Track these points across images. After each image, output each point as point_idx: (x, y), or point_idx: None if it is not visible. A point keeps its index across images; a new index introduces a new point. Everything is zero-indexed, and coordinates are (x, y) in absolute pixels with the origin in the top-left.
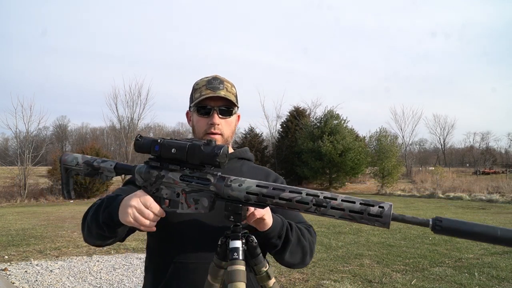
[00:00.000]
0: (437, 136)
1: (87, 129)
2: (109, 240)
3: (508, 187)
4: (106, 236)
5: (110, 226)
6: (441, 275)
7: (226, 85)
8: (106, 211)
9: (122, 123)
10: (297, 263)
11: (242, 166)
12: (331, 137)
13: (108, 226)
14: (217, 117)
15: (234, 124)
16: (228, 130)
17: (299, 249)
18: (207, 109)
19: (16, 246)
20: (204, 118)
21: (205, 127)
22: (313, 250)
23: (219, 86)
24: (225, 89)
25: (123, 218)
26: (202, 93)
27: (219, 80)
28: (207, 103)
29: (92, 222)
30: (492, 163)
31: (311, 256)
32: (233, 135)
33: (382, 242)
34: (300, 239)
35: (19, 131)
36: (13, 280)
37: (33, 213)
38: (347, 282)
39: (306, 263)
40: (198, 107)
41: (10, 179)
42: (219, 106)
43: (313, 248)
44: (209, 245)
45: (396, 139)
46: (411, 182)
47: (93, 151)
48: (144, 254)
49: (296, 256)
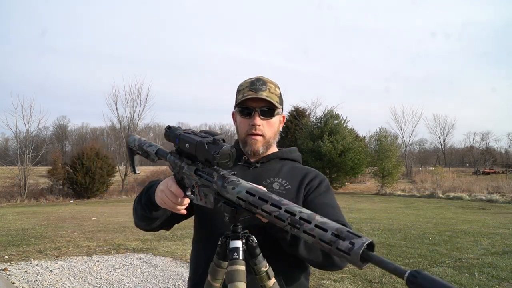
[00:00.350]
0: (437, 136)
1: (87, 129)
2: (154, 223)
3: (508, 187)
4: (148, 217)
5: (150, 208)
6: (441, 275)
7: (269, 86)
8: (147, 194)
9: (122, 123)
10: (321, 261)
11: (283, 166)
12: (331, 137)
13: (148, 207)
14: (258, 118)
15: (277, 125)
16: (269, 131)
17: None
18: (248, 110)
19: (16, 246)
20: (246, 119)
21: (247, 128)
22: None
23: (261, 87)
24: (267, 90)
25: (156, 200)
26: (244, 94)
27: (262, 81)
28: (248, 104)
29: (138, 204)
30: (492, 163)
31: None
32: (276, 136)
33: (382, 242)
34: None
35: (19, 131)
36: (13, 280)
37: (33, 213)
38: (347, 282)
39: (335, 262)
40: (240, 108)
41: (10, 179)
42: (260, 107)
43: None
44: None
45: (396, 139)
46: (411, 182)
47: (93, 151)
48: (144, 254)
49: (316, 253)
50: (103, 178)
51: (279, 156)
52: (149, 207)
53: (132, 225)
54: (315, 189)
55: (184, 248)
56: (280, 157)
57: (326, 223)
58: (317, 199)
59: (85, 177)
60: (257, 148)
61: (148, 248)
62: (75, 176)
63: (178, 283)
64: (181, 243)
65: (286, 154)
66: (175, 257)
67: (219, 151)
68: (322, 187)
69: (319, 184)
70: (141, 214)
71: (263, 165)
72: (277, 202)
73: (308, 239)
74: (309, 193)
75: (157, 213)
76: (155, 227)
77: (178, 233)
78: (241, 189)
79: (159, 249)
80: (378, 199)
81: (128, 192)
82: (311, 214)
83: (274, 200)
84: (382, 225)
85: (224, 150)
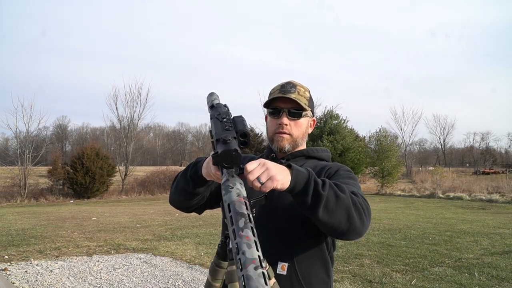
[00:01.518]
0: (437, 136)
1: (87, 129)
2: (193, 200)
3: (508, 187)
4: (190, 192)
5: (194, 181)
6: (441, 275)
7: (299, 89)
8: (194, 167)
9: (122, 123)
10: (344, 224)
11: (305, 164)
12: (331, 137)
13: (193, 180)
14: (285, 118)
15: (305, 127)
16: (297, 132)
17: (340, 207)
18: (277, 110)
19: (16, 246)
20: (275, 119)
21: (275, 127)
22: (363, 211)
23: (290, 90)
24: (296, 93)
25: (203, 172)
26: (274, 96)
27: (292, 84)
28: (277, 104)
29: (181, 178)
30: (492, 163)
31: (362, 216)
32: (305, 137)
33: (382, 242)
34: (338, 195)
35: (19, 131)
36: (13, 280)
37: (33, 213)
38: (347, 282)
39: (357, 225)
40: (270, 109)
41: (10, 179)
42: (288, 107)
43: (363, 208)
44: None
45: (396, 139)
46: (411, 182)
47: (93, 151)
48: (144, 254)
49: (337, 216)
50: (103, 178)
51: (305, 154)
52: (194, 180)
53: (132, 225)
54: (333, 174)
55: (184, 248)
56: (306, 155)
57: (245, 246)
58: (332, 179)
59: (85, 177)
60: (283, 145)
61: (148, 248)
62: (75, 176)
63: (178, 283)
64: (181, 243)
65: (312, 152)
66: (175, 257)
67: (218, 151)
68: (340, 171)
69: (338, 169)
70: (182, 188)
71: (288, 161)
72: (236, 230)
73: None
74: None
75: (199, 189)
76: (192, 204)
77: (178, 233)
78: (226, 199)
79: (159, 249)
80: (378, 199)
81: (128, 192)
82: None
83: (236, 227)
84: (382, 225)
85: (226, 151)
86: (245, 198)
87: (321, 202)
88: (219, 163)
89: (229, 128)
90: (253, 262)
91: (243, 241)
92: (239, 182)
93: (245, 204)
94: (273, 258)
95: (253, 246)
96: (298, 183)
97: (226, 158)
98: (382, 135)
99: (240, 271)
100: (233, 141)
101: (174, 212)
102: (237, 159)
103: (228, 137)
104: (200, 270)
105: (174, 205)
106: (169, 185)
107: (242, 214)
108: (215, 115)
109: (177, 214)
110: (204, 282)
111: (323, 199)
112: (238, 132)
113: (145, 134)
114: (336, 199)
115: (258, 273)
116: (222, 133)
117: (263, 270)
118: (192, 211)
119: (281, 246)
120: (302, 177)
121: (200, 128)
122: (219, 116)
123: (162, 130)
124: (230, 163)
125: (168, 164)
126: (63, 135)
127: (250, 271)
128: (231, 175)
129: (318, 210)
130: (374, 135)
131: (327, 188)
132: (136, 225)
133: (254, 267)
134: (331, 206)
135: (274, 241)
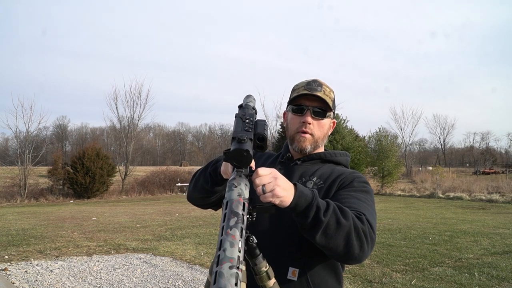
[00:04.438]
0: (437, 136)
1: (87, 129)
2: (211, 198)
3: (508, 187)
4: (208, 189)
5: (213, 179)
6: (441, 275)
7: (325, 88)
8: (214, 166)
9: (122, 123)
10: (341, 250)
11: (320, 168)
12: (331, 136)
13: (212, 178)
14: (310, 117)
15: (327, 128)
16: (319, 132)
17: (340, 233)
18: (301, 108)
19: (16, 246)
20: (298, 117)
21: (297, 125)
22: (365, 238)
23: (316, 88)
24: (322, 92)
25: (221, 169)
26: (299, 93)
27: (318, 82)
28: (302, 102)
29: (200, 175)
30: (492, 163)
31: (363, 244)
32: (325, 139)
33: (382, 242)
34: (340, 222)
35: (19, 131)
36: (13, 280)
37: (33, 213)
38: (347, 282)
39: (355, 253)
40: (294, 105)
41: (10, 179)
42: (313, 106)
43: (366, 235)
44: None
45: (396, 139)
46: (411, 182)
47: (93, 152)
48: (144, 254)
49: (335, 242)
50: (103, 178)
51: (321, 157)
52: (213, 178)
53: (132, 225)
54: (347, 185)
55: (184, 248)
56: (323, 158)
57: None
58: (344, 191)
59: (85, 177)
60: (304, 146)
61: (148, 248)
62: (75, 176)
63: (178, 283)
64: (181, 243)
65: (330, 156)
66: (175, 257)
67: (232, 149)
68: (355, 183)
69: (352, 180)
70: (201, 185)
71: (304, 163)
72: (225, 227)
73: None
74: (339, 189)
75: (217, 188)
76: (209, 202)
77: (178, 233)
78: (227, 197)
79: (159, 249)
80: (378, 199)
81: (128, 192)
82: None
83: (226, 224)
84: (382, 225)
85: (235, 150)
86: (245, 200)
87: (320, 227)
88: (229, 161)
89: (248, 129)
90: (230, 261)
91: (228, 239)
92: (244, 183)
93: (242, 205)
94: (284, 263)
95: (236, 246)
96: (299, 205)
97: (236, 156)
98: (382, 135)
99: (215, 267)
100: (248, 142)
101: (174, 212)
102: (247, 160)
103: (243, 136)
104: (200, 270)
105: (192, 202)
106: (169, 185)
107: (236, 213)
108: (239, 115)
109: (177, 214)
110: (204, 282)
111: (323, 225)
112: (256, 135)
113: (145, 134)
114: (336, 226)
115: (231, 273)
116: (240, 132)
117: (238, 271)
118: (208, 207)
119: (293, 252)
120: (305, 200)
121: (200, 128)
122: (243, 116)
123: (162, 130)
124: (239, 163)
125: (168, 164)
126: (63, 135)
127: (224, 269)
128: (239, 174)
129: (316, 234)
130: (374, 135)
131: (330, 213)
132: (136, 225)
133: (229, 266)
134: (330, 232)
135: (286, 247)
